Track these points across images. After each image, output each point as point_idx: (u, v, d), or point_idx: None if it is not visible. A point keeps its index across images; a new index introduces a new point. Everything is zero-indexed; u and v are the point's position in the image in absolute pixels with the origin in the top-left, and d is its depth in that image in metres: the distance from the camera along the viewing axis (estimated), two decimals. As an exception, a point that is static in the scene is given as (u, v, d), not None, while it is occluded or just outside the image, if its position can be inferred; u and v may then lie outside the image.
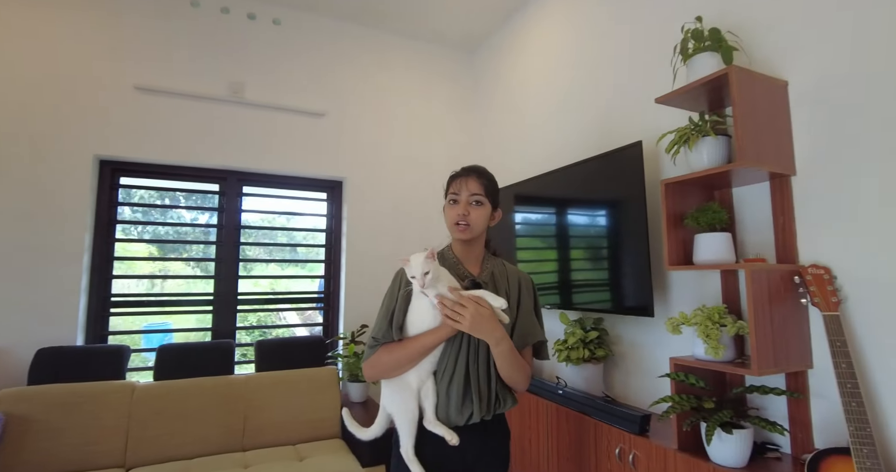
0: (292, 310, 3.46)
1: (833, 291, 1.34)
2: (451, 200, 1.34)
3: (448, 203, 1.35)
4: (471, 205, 1.31)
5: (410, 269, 1.19)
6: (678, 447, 1.49)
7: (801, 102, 1.50)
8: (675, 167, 1.85)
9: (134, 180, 2.77)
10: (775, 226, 1.55)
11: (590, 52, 2.46)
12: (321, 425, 2.49)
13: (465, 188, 1.31)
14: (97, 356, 2.31)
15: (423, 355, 1.24)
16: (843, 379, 1.23)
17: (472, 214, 1.30)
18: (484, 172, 1.37)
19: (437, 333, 1.22)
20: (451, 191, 1.34)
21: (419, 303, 1.26)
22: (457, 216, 1.31)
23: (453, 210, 1.32)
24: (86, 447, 2.08)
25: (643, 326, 2.04)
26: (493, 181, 1.38)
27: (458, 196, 1.32)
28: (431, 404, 1.26)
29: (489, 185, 1.36)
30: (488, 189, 1.34)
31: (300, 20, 3.14)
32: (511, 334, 1.37)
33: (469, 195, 1.31)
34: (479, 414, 1.25)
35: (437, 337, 1.22)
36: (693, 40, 1.58)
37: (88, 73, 2.57)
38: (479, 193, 1.32)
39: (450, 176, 1.39)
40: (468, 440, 1.26)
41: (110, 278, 2.62)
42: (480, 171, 1.36)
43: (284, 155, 3.01)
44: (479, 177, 1.34)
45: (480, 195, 1.32)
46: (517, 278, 1.41)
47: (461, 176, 1.34)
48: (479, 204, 1.32)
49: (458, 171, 1.38)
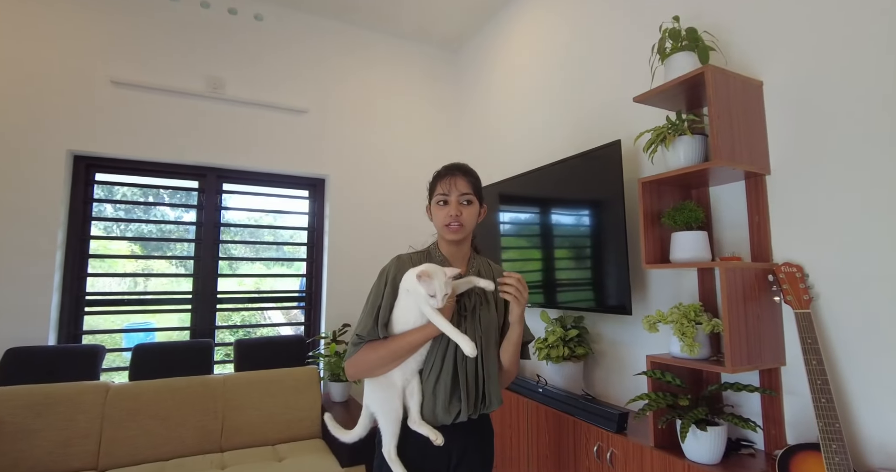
0: (274, 309, 3.42)
1: (805, 289, 1.36)
2: (439, 200, 1.32)
3: (436, 204, 1.33)
4: (461, 204, 1.30)
5: (432, 287, 1.14)
6: (654, 445, 1.50)
7: (776, 103, 1.52)
8: (653, 166, 1.86)
9: (110, 177, 2.71)
10: (750, 225, 1.57)
11: (571, 52, 2.47)
12: (301, 425, 2.46)
13: (454, 188, 1.30)
14: (70, 356, 2.26)
15: (410, 353, 1.23)
16: (813, 376, 1.24)
17: (463, 214, 1.30)
18: (469, 170, 1.36)
19: (424, 330, 1.21)
20: (439, 191, 1.32)
21: (406, 300, 1.24)
22: (449, 217, 1.29)
23: (444, 211, 1.30)
24: (57, 450, 2.03)
25: (622, 324, 2.05)
26: (478, 178, 1.38)
27: (447, 196, 1.30)
28: (416, 403, 1.24)
29: (476, 182, 1.35)
30: (475, 187, 1.34)
31: (282, 16, 3.10)
32: (501, 332, 1.37)
33: (459, 195, 1.30)
34: (466, 413, 1.24)
35: (425, 335, 1.21)
36: (670, 40, 1.59)
37: (62, 67, 2.51)
38: (469, 191, 1.31)
39: (435, 175, 1.37)
40: (453, 440, 1.25)
41: (84, 277, 2.56)
42: (466, 169, 1.35)
43: (265, 152, 2.97)
44: (466, 175, 1.33)
45: (470, 194, 1.31)
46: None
47: (448, 176, 1.32)
48: (469, 203, 1.32)
49: (443, 170, 1.36)
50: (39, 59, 2.47)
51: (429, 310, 1.18)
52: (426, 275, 1.14)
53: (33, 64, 2.45)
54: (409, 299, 1.22)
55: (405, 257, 1.35)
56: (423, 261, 1.32)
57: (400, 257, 1.34)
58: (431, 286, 1.14)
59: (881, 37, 1.29)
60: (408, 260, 1.33)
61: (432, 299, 1.14)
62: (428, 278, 1.14)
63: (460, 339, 1.15)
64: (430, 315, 1.18)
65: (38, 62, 2.46)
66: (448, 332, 1.17)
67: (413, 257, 1.36)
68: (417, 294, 1.18)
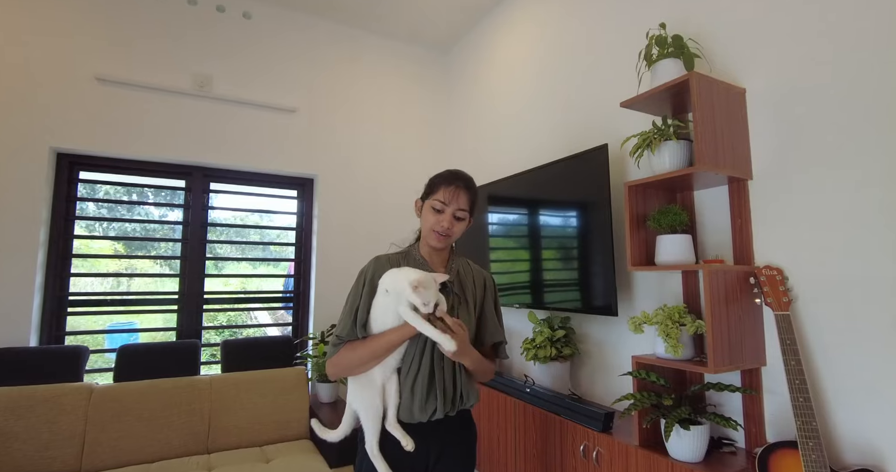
0: (262, 309, 3.40)
1: (784, 291, 1.40)
2: (435, 206, 1.31)
3: (430, 207, 1.32)
4: (455, 219, 1.31)
5: (427, 296, 1.15)
6: (639, 444, 1.53)
7: (758, 109, 1.56)
8: (639, 170, 1.89)
9: (94, 175, 2.67)
10: (733, 228, 1.61)
11: (560, 56, 2.49)
12: (288, 426, 2.45)
13: (454, 201, 1.29)
14: (52, 357, 2.22)
15: (388, 353, 1.24)
16: (792, 376, 1.28)
17: (454, 228, 1.31)
18: (472, 184, 1.36)
19: (401, 330, 1.22)
20: (437, 197, 1.30)
21: (384, 300, 1.24)
22: (439, 226, 1.29)
23: (435, 218, 1.30)
24: (38, 453, 1.99)
25: (609, 325, 2.08)
26: (477, 193, 1.38)
27: (445, 206, 1.30)
28: (393, 405, 1.26)
29: (475, 199, 1.36)
30: (472, 203, 1.35)
31: (271, 14, 3.08)
32: (476, 331, 1.38)
33: (456, 209, 1.30)
34: (442, 410, 1.26)
35: (401, 335, 1.22)
36: (657, 46, 1.62)
37: (46, 63, 2.46)
38: (466, 208, 1.32)
39: (439, 178, 1.34)
40: (431, 437, 1.27)
41: (67, 276, 2.52)
42: (470, 183, 1.35)
43: (253, 151, 2.95)
44: (468, 191, 1.33)
45: (465, 211, 1.32)
46: (482, 277, 1.43)
47: (451, 186, 1.30)
48: (462, 219, 1.32)
49: (449, 177, 1.33)
50: (23, 54, 2.42)
51: (407, 312, 1.18)
52: (422, 286, 1.15)
53: (16, 59, 2.40)
54: (388, 299, 1.22)
55: (383, 258, 1.35)
56: (402, 262, 1.33)
57: (378, 258, 1.34)
58: (427, 296, 1.15)
59: (860, 46, 1.33)
60: (386, 261, 1.33)
61: (425, 307, 1.15)
62: (424, 290, 1.15)
63: (439, 337, 1.15)
64: (409, 317, 1.18)
65: (22, 57, 2.41)
66: (427, 332, 1.17)
67: (392, 258, 1.36)
68: (398, 297, 1.19)
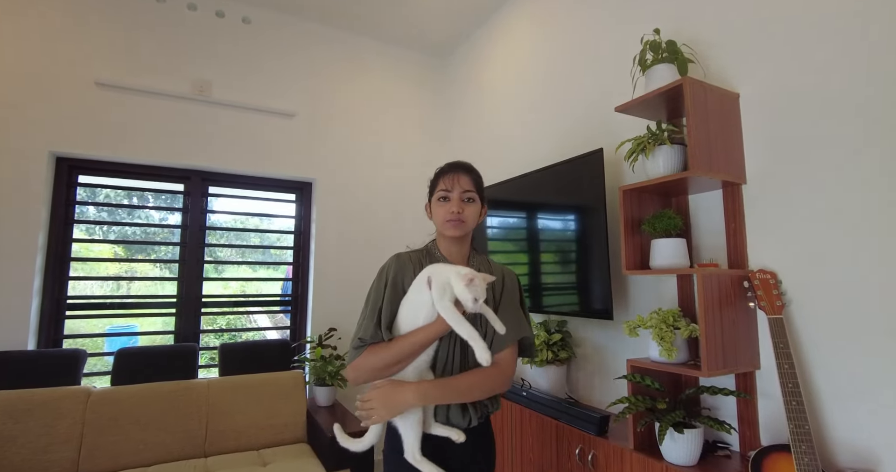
0: (260, 313, 3.41)
1: (778, 295, 1.40)
2: (441, 197, 1.29)
3: (437, 200, 1.30)
4: (463, 202, 1.29)
5: (477, 291, 1.10)
6: (634, 447, 1.53)
7: (752, 114, 1.57)
8: (634, 174, 1.90)
9: (93, 179, 2.68)
10: (727, 232, 1.62)
11: (557, 61, 2.51)
12: (286, 429, 2.45)
13: (457, 185, 1.28)
14: (50, 361, 2.22)
15: (415, 355, 1.19)
16: (785, 379, 1.28)
17: (465, 211, 1.28)
18: (472, 168, 1.35)
19: (427, 330, 1.17)
20: (440, 188, 1.29)
21: (417, 297, 1.18)
22: (450, 213, 1.26)
23: (444, 207, 1.28)
24: (37, 456, 1.99)
25: (604, 328, 2.08)
26: (481, 177, 1.37)
27: (449, 193, 1.28)
28: (430, 408, 1.22)
29: (478, 180, 1.34)
30: (478, 185, 1.33)
31: (271, 20, 3.10)
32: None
33: (462, 192, 1.28)
34: (476, 419, 1.24)
35: (428, 334, 1.16)
36: (651, 52, 1.64)
37: (46, 67, 2.48)
38: (471, 189, 1.29)
39: (437, 172, 1.35)
40: (462, 444, 1.23)
41: (66, 280, 2.53)
42: (468, 167, 1.34)
43: (252, 155, 2.96)
44: (469, 173, 1.31)
45: (472, 192, 1.29)
46: (501, 274, 1.36)
47: (451, 172, 1.30)
48: (471, 201, 1.30)
49: (445, 167, 1.33)
50: (22, 58, 2.43)
51: (449, 307, 1.13)
52: (478, 279, 1.11)
53: (16, 64, 2.42)
54: (424, 296, 1.16)
55: (405, 255, 1.31)
56: (424, 259, 1.30)
57: (399, 256, 1.31)
58: (478, 291, 1.10)
59: (853, 52, 1.34)
60: (407, 259, 1.30)
61: (475, 302, 1.10)
62: (480, 283, 1.11)
63: (477, 344, 1.11)
64: (448, 312, 1.13)
65: (21, 62, 2.43)
66: (466, 335, 1.12)
67: (412, 255, 1.32)
68: (442, 291, 1.13)
